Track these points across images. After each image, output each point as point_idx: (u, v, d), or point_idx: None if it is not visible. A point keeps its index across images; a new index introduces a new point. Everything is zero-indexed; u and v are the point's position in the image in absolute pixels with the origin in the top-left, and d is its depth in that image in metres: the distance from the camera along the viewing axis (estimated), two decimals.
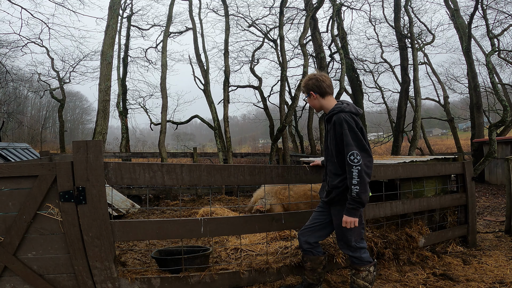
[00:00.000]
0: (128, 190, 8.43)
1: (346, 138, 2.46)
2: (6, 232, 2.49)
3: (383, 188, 4.10)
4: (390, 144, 16.35)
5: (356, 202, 2.45)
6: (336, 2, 12.24)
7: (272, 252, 3.69)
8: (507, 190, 4.96)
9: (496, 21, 12.39)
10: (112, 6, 8.73)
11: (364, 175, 2.41)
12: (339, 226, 2.63)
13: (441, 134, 46.75)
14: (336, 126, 2.53)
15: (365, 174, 2.42)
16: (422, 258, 3.79)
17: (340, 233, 2.66)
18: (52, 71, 16.70)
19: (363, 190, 2.41)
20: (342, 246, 2.72)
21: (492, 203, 7.85)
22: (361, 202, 2.44)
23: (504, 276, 3.32)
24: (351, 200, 2.46)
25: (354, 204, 2.46)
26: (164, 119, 10.84)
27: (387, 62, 17.29)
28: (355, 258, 2.64)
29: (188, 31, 14.71)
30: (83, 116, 41.34)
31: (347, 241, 2.63)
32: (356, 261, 2.65)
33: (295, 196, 4.98)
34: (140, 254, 4.12)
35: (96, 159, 2.54)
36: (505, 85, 15.51)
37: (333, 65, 16.16)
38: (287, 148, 12.05)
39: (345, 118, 2.50)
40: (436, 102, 18.83)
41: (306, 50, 11.79)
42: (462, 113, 22.04)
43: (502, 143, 10.89)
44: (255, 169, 3.09)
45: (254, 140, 45.72)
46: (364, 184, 2.41)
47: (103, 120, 8.57)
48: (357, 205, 2.46)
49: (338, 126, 2.51)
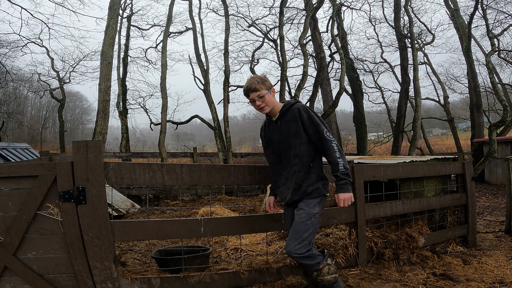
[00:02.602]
0: (128, 190, 8.43)
1: (314, 120, 2.49)
2: (6, 232, 2.49)
3: (383, 188, 4.10)
4: (390, 144, 16.35)
5: (347, 175, 2.45)
6: (336, 2, 12.23)
7: (272, 252, 3.69)
8: (507, 190, 4.96)
9: (496, 21, 12.39)
10: (112, 6, 8.73)
11: (341, 148, 2.52)
12: (302, 221, 2.44)
13: (441, 134, 46.75)
14: (301, 113, 2.51)
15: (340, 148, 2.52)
16: (422, 258, 3.79)
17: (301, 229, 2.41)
18: (52, 71, 16.71)
19: (346, 162, 2.48)
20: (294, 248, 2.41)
21: (492, 203, 7.85)
22: (349, 174, 2.48)
23: (504, 276, 3.32)
24: (342, 175, 2.44)
25: (346, 177, 2.45)
26: (164, 119, 10.83)
27: (387, 62, 17.29)
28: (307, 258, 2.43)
29: (188, 31, 14.71)
30: (83, 116, 41.33)
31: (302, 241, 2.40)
32: (310, 262, 2.46)
33: None
34: (140, 254, 4.11)
35: (96, 159, 2.54)
36: (505, 85, 15.51)
37: (333, 65, 16.16)
38: None
39: (305, 105, 2.60)
40: (436, 102, 18.84)
41: (306, 50, 11.79)
42: (462, 113, 22.04)
43: (502, 143, 10.89)
44: (255, 169, 3.09)
45: (254, 140, 45.68)
46: (345, 157, 2.50)
47: (103, 120, 8.57)
48: (348, 178, 2.46)
49: (304, 112, 2.51)
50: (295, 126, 2.51)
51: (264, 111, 2.56)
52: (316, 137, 2.50)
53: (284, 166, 2.59)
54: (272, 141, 2.63)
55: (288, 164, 2.56)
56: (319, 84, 13.99)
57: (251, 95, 2.52)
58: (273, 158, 2.66)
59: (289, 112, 2.55)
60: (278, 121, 2.58)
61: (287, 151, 2.55)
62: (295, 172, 2.51)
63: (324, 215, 3.41)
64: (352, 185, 3.60)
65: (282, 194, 2.65)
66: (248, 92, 2.53)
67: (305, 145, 2.51)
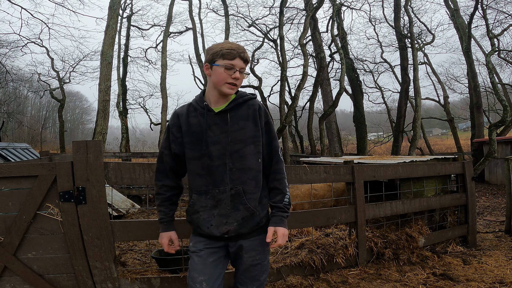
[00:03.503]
0: (128, 190, 8.43)
1: (272, 130, 1.86)
2: (6, 232, 2.49)
3: (383, 188, 4.11)
4: (390, 144, 16.36)
5: (289, 209, 1.85)
6: (336, 2, 12.24)
7: (272, 252, 3.69)
8: (507, 190, 4.96)
9: (496, 21, 12.40)
10: (112, 6, 8.73)
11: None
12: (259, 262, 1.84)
13: (441, 134, 46.77)
14: (261, 114, 1.82)
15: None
16: (422, 258, 3.79)
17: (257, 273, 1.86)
18: (52, 71, 16.73)
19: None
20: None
21: (492, 203, 7.85)
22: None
23: (504, 276, 3.32)
24: (286, 208, 1.83)
25: (288, 211, 1.84)
26: (164, 119, 10.84)
27: (387, 62, 17.31)
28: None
29: (188, 31, 14.72)
30: (83, 116, 41.38)
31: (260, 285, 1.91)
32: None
33: (301, 196, 4.98)
34: (140, 254, 4.11)
35: (96, 159, 2.54)
36: (505, 85, 15.51)
37: (333, 65, 16.19)
38: (287, 148, 12.06)
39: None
40: (436, 102, 18.86)
41: (306, 50, 11.79)
42: (462, 113, 22.06)
43: (502, 143, 10.89)
44: None
45: None
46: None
47: (103, 120, 8.58)
48: (289, 212, 1.86)
49: (264, 114, 1.83)
50: (253, 128, 1.77)
51: (233, 91, 1.77)
52: (267, 152, 1.83)
53: (218, 181, 1.72)
54: (206, 140, 1.74)
55: (229, 180, 1.72)
56: (319, 84, 14.00)
57: (238, 62, 1.73)
58: (197, 165, 1.76)
59: (245, 106, 1.80)
60: (225, 114, 1.75)
61: (234, 161, 1.73)
62: (245, 194, 1.73)
63: (324, 215, 3.42)
64: (352, 185, 3.61)
65: (210, 224, 1.74)
66: (235, 56, 1.72)
67: (261, 157, 1.80)
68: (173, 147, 1.83)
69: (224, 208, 1.73)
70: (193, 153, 1.77)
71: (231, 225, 1.73)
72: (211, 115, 1.76)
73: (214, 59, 1.74)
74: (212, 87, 1.79)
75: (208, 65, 1.77)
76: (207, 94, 1.83)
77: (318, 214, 3.37)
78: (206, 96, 1.82)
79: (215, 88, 1.77)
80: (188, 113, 1.82)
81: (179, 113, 1.84)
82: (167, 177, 1.88)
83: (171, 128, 1.84)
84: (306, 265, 3.26)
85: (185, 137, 1.79)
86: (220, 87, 1.74)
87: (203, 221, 1.75)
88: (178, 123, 1.82)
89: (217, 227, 1.73)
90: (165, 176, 1.88)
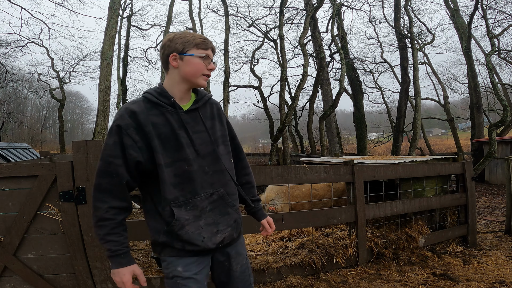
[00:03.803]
0: None
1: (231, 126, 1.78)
2: (6, 232, 2.49)
3: (383, 188, 4.10)
4: (390, 144, 16.37)
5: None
6: (336, 2, 12.24)
7: (272, 252, 3.69)
8: (507, 190, 4.96)
9: (496, 21, 12.41)
10: (112, 6, 8.73)
11: None
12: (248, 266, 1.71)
13: (441, 134, 46.77)
14: (222, 112, 1.72)
15: None
16: (422, 258, 3.79)
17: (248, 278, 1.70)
18: (52, 71, 16.74)
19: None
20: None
21: (492, 203, 7.85)
22: None
23: (504, 276, 3.32)
24: (259, 200, 1.85)
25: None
26: None
27: (387, 62, 17.32)
28: None
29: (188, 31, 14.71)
30: (83, 116, 41.40)
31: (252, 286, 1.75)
32: None
33: (302, 196, 4.97)
34: (140, 254, 4.11)
35: (96, 159, 2.53)
36: (505, 85, 15.52)
37: (333, 65, 16.19)
38: (287, 148, 12.06)
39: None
40: (436, 102, 18.87)
41: (306, 50, 11.79)
42: (462, 113, 22.06)
43: (502, 143, 10.89)
44: (255, 169, 3.09)
45: (254, 140, 45.75)
46: None
47: (103, 120, 8.58)
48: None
49: (222, 111, 1.73)
50: (221, 128, 1.66)
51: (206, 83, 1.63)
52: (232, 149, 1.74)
53: (198, 188, 1.52)
54: (182, 142, 1.50)
55: (209, 185, 1.54)
56: (319, 84, 14.01)
57: (210, 53, 1.58)
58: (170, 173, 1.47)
59: (208, 105, 1.66)
60: (196, 113, 1.58)
61: (209, 163, 1.56)
62: (229, 196, 1.60)
63: (324, 215, 3.42)
64: (352, 185, 3.61)
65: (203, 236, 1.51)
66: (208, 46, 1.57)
67: (231, 156, 1.70)
68: (131, 154, 1.44)
69: (210, 217, 1.53)
70: (165, 158, 1.47)
71: (225, 232, 1.56)
72: (181, 113, 1.53)
73: (186, 48, 1.52)
74: (180, 81, 1.54)
75: (176, 55, 1.51)
76: (171, 89, 1.54)
77: (318, 214, 3.38)
78: (169, 91, 1.54)
79: (186, 81, 1.54)
80: (147, 110, 1.48)
81: (136, 111, 1.46)
82: (116, 196, 1.45)
83: (125, 130, 1.43)
84: (306, 265, 3.26)
85: (152, 140, 1.46)
86: (196, 79, 1.54)
87: (193, 234, 1.48)
88: (136, 123, 1.45)
89: (210, 239, 1.51)
90: (114, 196, 1.44)
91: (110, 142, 1.45)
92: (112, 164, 1.44)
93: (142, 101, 1.50)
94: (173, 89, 1.54)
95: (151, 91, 1.54)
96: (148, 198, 1.54)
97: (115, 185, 1.45)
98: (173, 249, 1.50)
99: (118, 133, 1.44)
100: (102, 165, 1.45)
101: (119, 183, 1.45)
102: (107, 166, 1.44)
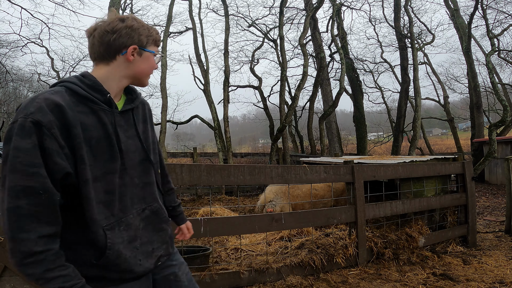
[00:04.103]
0: None
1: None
2: None
3: (383, 188, 4.10)
4: (390, 144, 16.36)
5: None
6: (336, 2, 12.24)
7: (272, 252, 3.69)
8: (507, 190, 4.96)
9: (496, 21, 12.41)
10: (112, 6, 8.73)
11: None
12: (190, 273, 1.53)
13: (441, 134, 46.77)
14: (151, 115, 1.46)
15: None
16: (422, 258, 3.79)
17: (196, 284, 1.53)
18: (52, 71, 16.73)
19: None
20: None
21: (492, 203, 7.85)
22: None
23: (504, 276, 3.32)
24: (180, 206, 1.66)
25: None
26: (164, 119, 10.84)
27: (387, 62, 17.31)
28: None
29: (188, 31, 14.71)
30: None
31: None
32: None
33: (302, 196, 4.97)
34: None
35: None
36: (505, 85, 15.51)
37: (333, 65, 16.17)
38: (287, 148, 12.06)
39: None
40: (436, 102, 18.86)
41: (306, 50, 11.79)
42: (462, 113, 22.06)
43: (502, 143, 10.89)
44: (255, 169, 3.09)
45: (254, 140, 45.73)
46: None
47: None
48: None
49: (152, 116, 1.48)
50: (152, 133, 1.41)
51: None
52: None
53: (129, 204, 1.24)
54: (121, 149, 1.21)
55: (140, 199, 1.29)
56: (319, 84, 14.01)
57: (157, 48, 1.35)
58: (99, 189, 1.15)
59: (141, 105, 1.37)
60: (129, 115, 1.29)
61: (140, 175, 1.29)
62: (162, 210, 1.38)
63: (324, 215, 3.42)
64: (352, 185, 3.61)
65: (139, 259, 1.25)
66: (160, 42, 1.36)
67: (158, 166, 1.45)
68: (59, 163, 1.05)
69: (144, 235, 1.27)
70: (94, 170, 1.12)
71: (160, 250, 1.34)
72: (116, 114, 1.21)
73: (148, 43, 1.28)
74: (125, 76, 1.26)
75: (137, 48, 1.24)
76: (106, 83, 1.21)
77: (318, 214, 3.38)
78: (104, 84, 1.21)
79: (133, 78, 1.29)
80: (73, 105, 1.10)
81: (61, 104, 1.07)
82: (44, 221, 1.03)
83: (49, 129, 1.03)
84: (306, 265, 3.26)
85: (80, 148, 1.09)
86: (146, 78, 1.32)
87: (131, 259, 1.21)
88: (60, 121, 1.06)
89: (146, 260, 1.27)
90: (40, 221, 1.02)
91: (26, 145, 1.00)
92: (36, 176, 1.00)
93: (66, 92, 1.12)
94: (111, 83, 1.23)
95: (75, 81, 1.16)
96: (67, 223, 1.11)
97: (43, 207, 1.01)
98: (108, 281, 1.19)
99: (38, 133, 1.01)
100: (18, 179, 0.98)
101: (49, 203, 1.02)
102: (27, 179, 0.99)
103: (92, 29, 1.25)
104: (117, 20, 1.25)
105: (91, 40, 1.24)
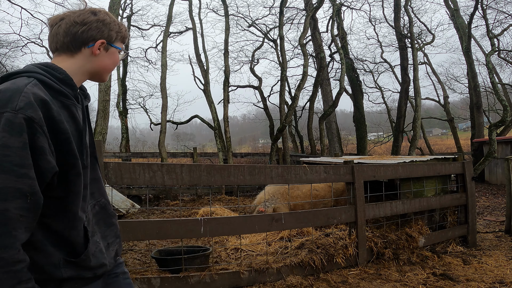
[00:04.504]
0: (128, 190, 8.43)
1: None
2: None
3: (383, 188, 4.10)
4: (390, 144, 16.36)
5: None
6: (336, 2, 12.24)
7: (272, 252, 3.69)
8: (507, 190, 4.96)
9: (496, 21, 12.41)
10: (112, 6, 8.73)
11: None
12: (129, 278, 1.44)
13: (441, 134, 46.75)
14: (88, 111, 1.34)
15: None
16: (422, 258, 3.79)
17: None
18: None
19: None
20: None
21: (492, 203, 7.85)
22: None
23: (504, 276, 3.32)
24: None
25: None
26: (164, 119, 10.84)
27: (387, 62, 17.30)
28: None
29: (188, 31, 14.71)
30: None
31: None
32: None
33: (302, 196, 4.96)
34: (140, 254, 4.11)
35: None
36: (505, 85, 15.51)
37: (333, 65, 16.17)
38: (287, 148, 12.06)
39: None
40: (436, 102, 18.85)
41: (306, 50, 11.80)
42: (462, 113, 22.06)
43: (502, 143, 10.89)
44: (255, 169, 3.09)
45: (254, 140, 45.72)
46: None
47: (103, 120, 8.58)
48: None
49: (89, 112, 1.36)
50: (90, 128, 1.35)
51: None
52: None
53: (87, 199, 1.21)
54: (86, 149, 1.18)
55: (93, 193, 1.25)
56: (319, 84, 14.01)
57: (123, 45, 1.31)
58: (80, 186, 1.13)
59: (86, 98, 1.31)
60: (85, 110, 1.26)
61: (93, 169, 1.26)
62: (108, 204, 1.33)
63: (324, 215, 3.42)
64: (352, 185, 3.61)
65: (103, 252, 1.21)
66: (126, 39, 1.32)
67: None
68: (51, 161, 1.01)
69: (99, 230, 1.23)
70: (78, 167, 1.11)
71: (115, 244, 1.30)
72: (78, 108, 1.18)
73: (116, 39, 1.24)
74: (86, 71, 1.22)
75: (105, 43, 1.20)
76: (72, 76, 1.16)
77: (318, 214, 3.38)
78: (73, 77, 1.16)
79: (93, 73, 1.25)
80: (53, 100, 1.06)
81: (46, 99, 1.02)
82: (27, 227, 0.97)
83: (42, 127, 0.98)
84: (306, 265, 3.26)
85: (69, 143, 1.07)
86: (105, 73, 1.28)
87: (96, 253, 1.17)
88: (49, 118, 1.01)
89: (108, 254, 1.24)
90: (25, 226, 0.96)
91: (16, 143, 0.93)
92: (26, 178, 0.94)
93: (42, 84, 1.06)
94: (75, 77, 1.17)
95: (43, 73, 1.08)
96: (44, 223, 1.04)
97: (28, 211, 0.95)
98: (82, 280, 1.13)
99: (29, 130, 0.95)
100: (7, 180, 0.92)
101: (34, 207, 0.97)
102: (17, 181, 0.93)
103: (58, 18, 1.18)
104: (88, 13, 1.19)
105: (55, 29, 1.16)
